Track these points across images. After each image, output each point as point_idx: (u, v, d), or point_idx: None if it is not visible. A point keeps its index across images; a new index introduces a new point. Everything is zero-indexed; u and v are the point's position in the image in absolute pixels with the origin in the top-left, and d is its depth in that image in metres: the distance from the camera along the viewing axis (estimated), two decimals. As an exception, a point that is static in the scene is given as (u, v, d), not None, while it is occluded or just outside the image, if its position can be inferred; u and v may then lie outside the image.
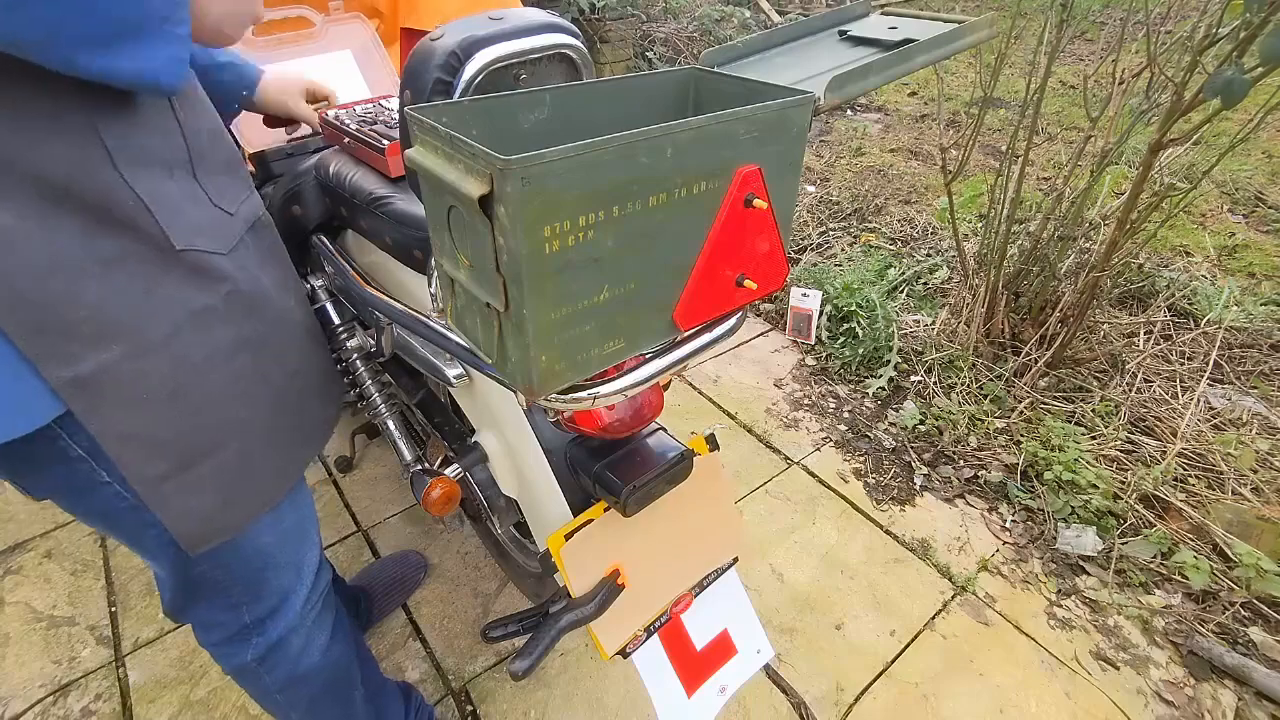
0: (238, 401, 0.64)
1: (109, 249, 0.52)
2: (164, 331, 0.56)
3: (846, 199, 2.96)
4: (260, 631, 0.79)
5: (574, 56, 0.68)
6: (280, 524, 0.76)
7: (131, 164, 0.53)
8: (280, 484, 0.72)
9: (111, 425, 0.55)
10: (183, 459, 0.61)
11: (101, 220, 0.51)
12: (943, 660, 1.28)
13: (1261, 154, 3.22)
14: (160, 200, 0.55)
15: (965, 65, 4.66)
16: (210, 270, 0.60)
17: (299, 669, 0.84)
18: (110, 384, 0.54)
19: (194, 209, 0.59)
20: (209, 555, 0.69)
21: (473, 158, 0.44)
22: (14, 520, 1.57)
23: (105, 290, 0.52)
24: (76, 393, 0.52)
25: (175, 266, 0.57)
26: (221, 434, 0.63)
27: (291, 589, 0.81)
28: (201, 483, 0.63)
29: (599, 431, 0.76)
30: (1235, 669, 1.23)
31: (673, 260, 0.55)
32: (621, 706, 1.20)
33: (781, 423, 1.86)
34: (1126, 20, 1.69)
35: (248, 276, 0.65)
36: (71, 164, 0.49)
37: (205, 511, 0.64)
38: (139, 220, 0.54)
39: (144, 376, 0.56)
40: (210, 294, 0.60)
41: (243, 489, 0.67)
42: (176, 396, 0.58)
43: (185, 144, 0.59)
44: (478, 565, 1.46)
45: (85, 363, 0.52)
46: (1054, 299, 1.84)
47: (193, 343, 0.59)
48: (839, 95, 0.61)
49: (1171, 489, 1.53)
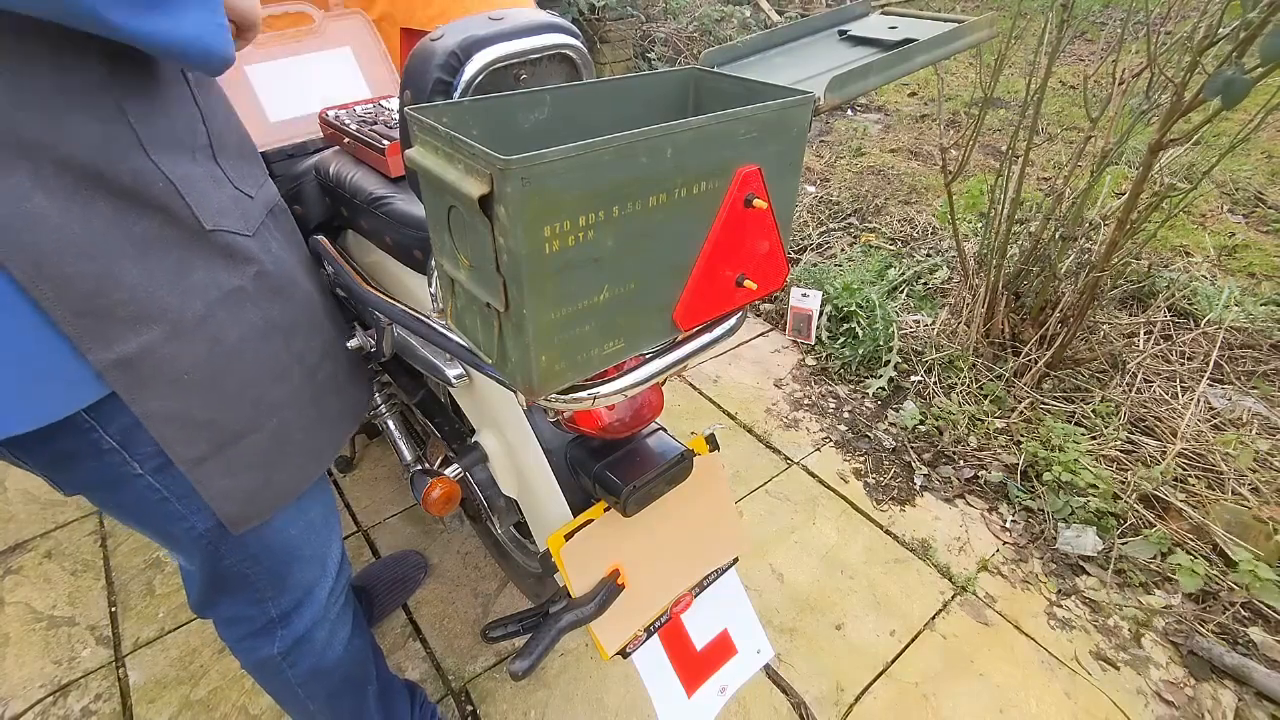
0: (272, 382, 0.65)
1: (142, 231, 0.53)
2: (199, 312, 0.57)
3: (846, 199, 2.95)
4: (285, 625, 0.80)
5: (574, 56, 0.68)
6: (305, 515, 0.77)
7: (158, 146, 0.53)
8: (317, 463, 0.74)
9: (154, 406, 0.56)
10: (222, 439, 0.62)
11: (134, 202, 0.52)
12: (943, 660, 1.28)
13: (1261, 154, 3.22)
14: (188, 182, 0.56)
15: (965, 65, 4.66)
16: (238, 251, 0.60)
17: (323, 662, 0.85)
18: (151, 365, 0.54)
19: (217, 191, 0.60)
20: (238, 549, 0.70)
21: (473, 158, 0.44)
22: (14, 520, 1.57)
23: (142, 271, 0.53)
24: (120, 374, 0.53)
25: (206, 247, 0.57)
26: (258, 414, 0.64)
27: (316, 582, 0.81)
28: (241, 463, 0.63)
29: (599, 431, 0.76)
30: (1235, 669, 1.23)
31: (673, 260, 0.55)
32: (621, 706, 1.20)
33: (781, 423, 1.86)
34: (1126, 20, 1.69)
35: (273, 259, 0.65)
36: (101, 147, 0.49)
37: (246, 491, 0.65)
38: (169, 202, 0.54)
39: (183, 357, 0.56)
40: (240, 275, 0.60)
41: (280, 468, 0.68)
42: (214, 377, 0.59)
43: (205, 127, 0.59)
44: (478, 565, 1.46)
45: (128, 344, 0.52)
46: (1054, 299, 1.84)
47: (227, 323, 0.59)
48: (839, 95, 0.61)
49: (1171, 489, 1.53)
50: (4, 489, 1.65)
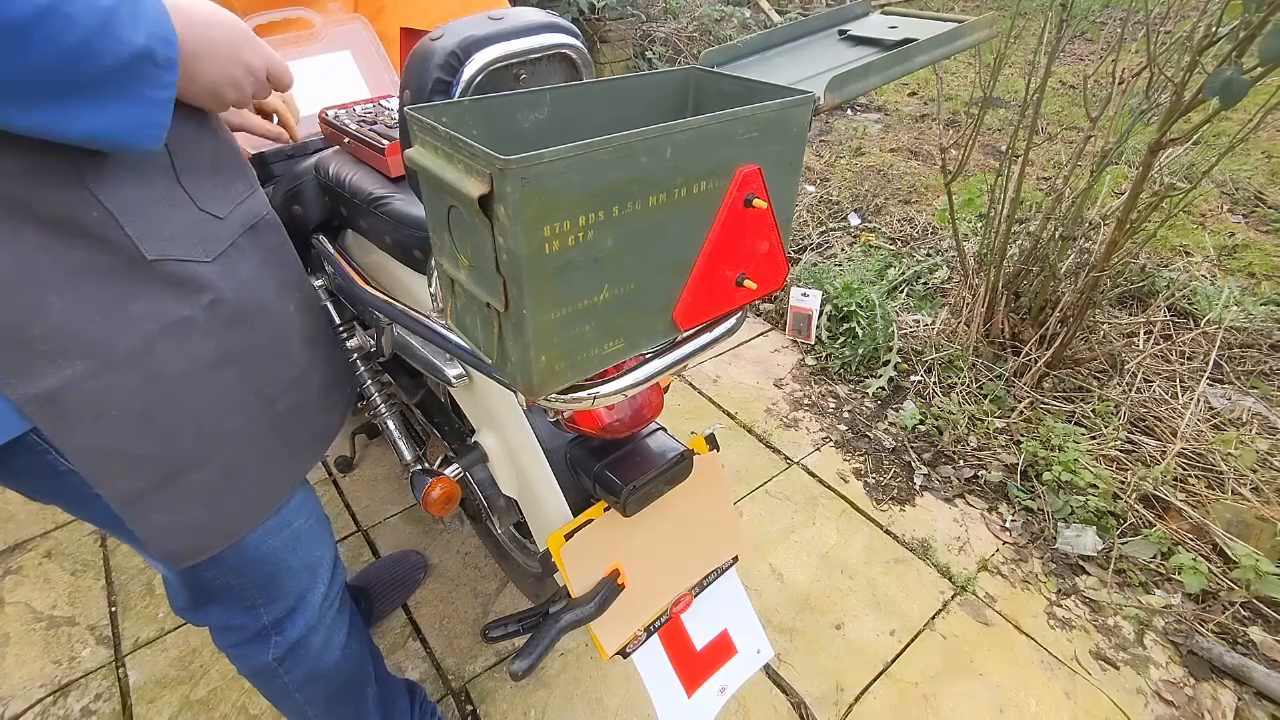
0: (223, 414, 0.62)
1: (73, 261, 0.50)
2: (133, 346, 0.54)
3: (847, 199, 2.96)
4: (279, 631, 0.79)
5: (574, 56, 0.68)
6: (288, 528, 0.75)
7: (100, 173, 0.50)
8: (275, 494, 0.71)
9: (79, 442, 0.54)
10: (162, 474, 0.59)
11: (64, 232, 0.49)
12: (943, 660, 1.28)
13: (1261, 154, 3.22)
14: (131, 209, 0.52)
15: (965, 65, 4.66)
16: (188, 280, 0.57)
17: (320, 667, 0.84)
18: (74, 401, 0.52)
19: (173, 214, 0.56)
20: (216, 563, 0.68)
21: (472, 158, 0.44)
22: (14, 520, 1.57)
23: (70, 304, 0.50)
24: (40, 410, 0.51)
25: (148, 278, 0.54)
26: (204, 448, 0.61)
27: (309, 588, 0.80)
28: (184, 497, 0.61)
29: (599, 431, 0.76)
30: (1235, 669, 1.23)
31: (673, 260, 0.55)
32: (621, 706, 1.20)
33: (781, 422, 1.86)
34: (1126, 20, 1.69)
35: (236, 285, 0.62)
36: (30, 177, 0.47)
37: (191, 526, 0.63)
38: (105, 231, 0.51)
39: (111, 392, 0.54)
40: (188, 305, 0.57)
41: (232, 500, 0.65)
42: (149, 412, 0.57)
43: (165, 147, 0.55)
44: (478, 565, 1.46)
45: (48, 379, 0.50)
46: (1054, 299, 1.84)
47: (167, 356, 0.56)
48: (839, 95, 0.61)
49: (1171, 489, 1.53)
50: (3, 489, 1.64)
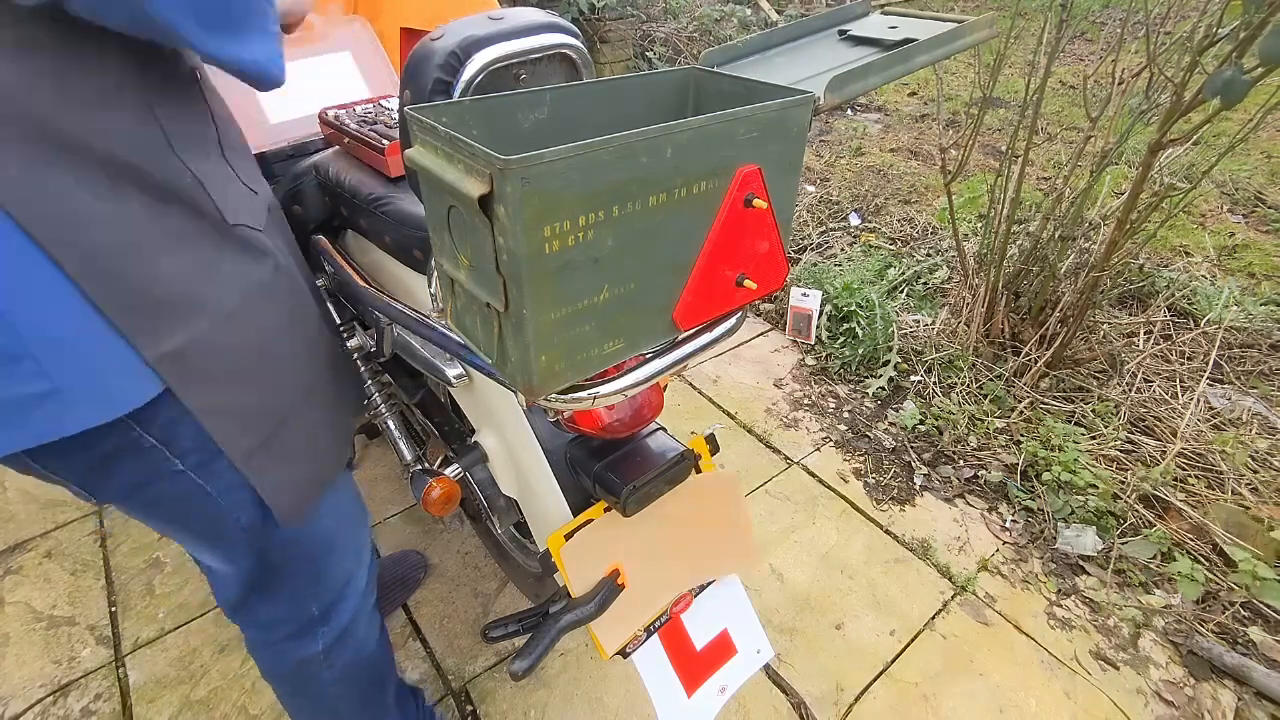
0: (304, 369, 0.67)
1: (175, 226, 0.53)
2: (235, 303, 0.58)
3: (847, 199, 2.96)
4: (326, 620, 0.80)
5: (574, 56, 0.68)
6: (338, 506, 0.77)
7: (183, 144, 0.54)
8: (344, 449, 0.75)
9: (206, 399, 0.56)
10: (267, 429, 0.62)
11: (165, 198, 0.53)
12: (942, 660, 1.28)
13: (1261, 154, 3.22)
14: (211, 178, 0.57)
15: (965, 65, 4.66)
16: (256, 245, 0.61)
17: (361, 656, 0.85)
18: (200, 357, 0.55)
19: (232, 187, 0.61)
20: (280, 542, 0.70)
21: (472, 158, 0.44)
22: (14, 520, 1.57)
23: (180, 265, 0.53)
24: (172, 368, 0.53)
25: (232, 241, 0.58)
26: (295, 402, 0.65)
27: (353, 573, 0.82)
28: (285, 452, 0.64)
29: (599, 431, 0.76)
30: (1235, 669, 1.23)
31: (673, 260, 0.55)
32: (621, 706, 1.20)
33: (781, 422, 1.86)
34: (1126, 20, 1.69)
35: (282, 254, 0.67)
36: (136, 145, 0.50)
37: (295, 481, 0.66)
38: (196, 198, 0.55)
39: (229, 347, 0.57)
40: (262, 268, 0.62)
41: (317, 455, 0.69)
42: (258, 366, 0.60)
43: (215, 126, 0.61)
44: (478, 565, 1.46)
45: (176, 337, 0.53)
46: (1054, 299, 1.84)
47: (261, 313, 0.61)
48: (839, 95, 0.61)
49: (1171, 489, 1.53)
50: (4, 489, 1.64)
